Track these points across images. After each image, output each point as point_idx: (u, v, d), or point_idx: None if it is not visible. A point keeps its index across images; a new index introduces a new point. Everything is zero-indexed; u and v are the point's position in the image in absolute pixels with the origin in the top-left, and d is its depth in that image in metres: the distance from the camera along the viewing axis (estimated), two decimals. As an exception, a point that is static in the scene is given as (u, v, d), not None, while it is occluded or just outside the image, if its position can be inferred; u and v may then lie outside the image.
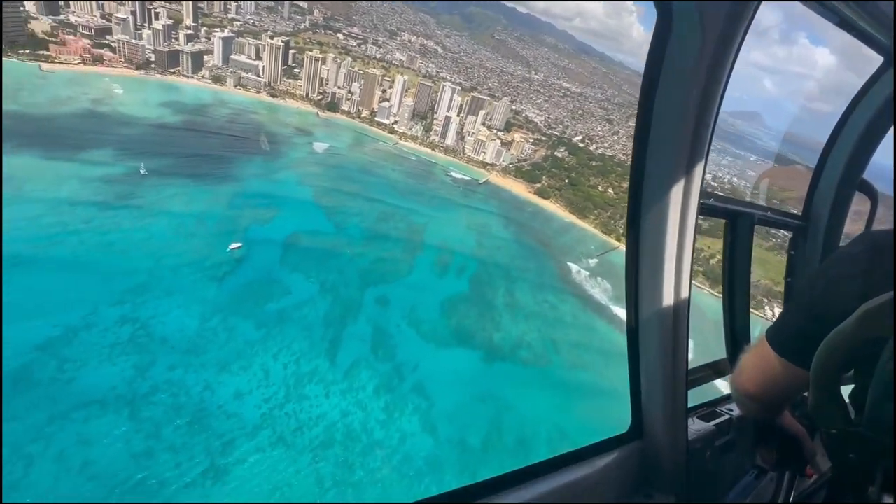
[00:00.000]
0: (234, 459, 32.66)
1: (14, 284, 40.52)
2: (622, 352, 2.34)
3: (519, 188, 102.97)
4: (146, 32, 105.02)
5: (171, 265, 47.91)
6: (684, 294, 2.02)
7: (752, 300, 3.33)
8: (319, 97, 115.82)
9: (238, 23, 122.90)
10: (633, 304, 2.15)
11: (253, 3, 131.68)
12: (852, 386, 1.31)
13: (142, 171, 60.76)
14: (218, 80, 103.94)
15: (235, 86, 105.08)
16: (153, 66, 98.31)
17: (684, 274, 1.98)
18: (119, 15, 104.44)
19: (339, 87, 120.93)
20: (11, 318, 37.18)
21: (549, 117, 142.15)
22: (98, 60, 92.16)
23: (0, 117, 42.89)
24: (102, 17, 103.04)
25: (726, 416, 2.80)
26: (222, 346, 41.11)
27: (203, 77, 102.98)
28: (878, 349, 1.09)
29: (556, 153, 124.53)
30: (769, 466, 2.39)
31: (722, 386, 2.85)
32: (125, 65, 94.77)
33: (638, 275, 2.07)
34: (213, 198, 62.26)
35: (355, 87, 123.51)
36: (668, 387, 2.20)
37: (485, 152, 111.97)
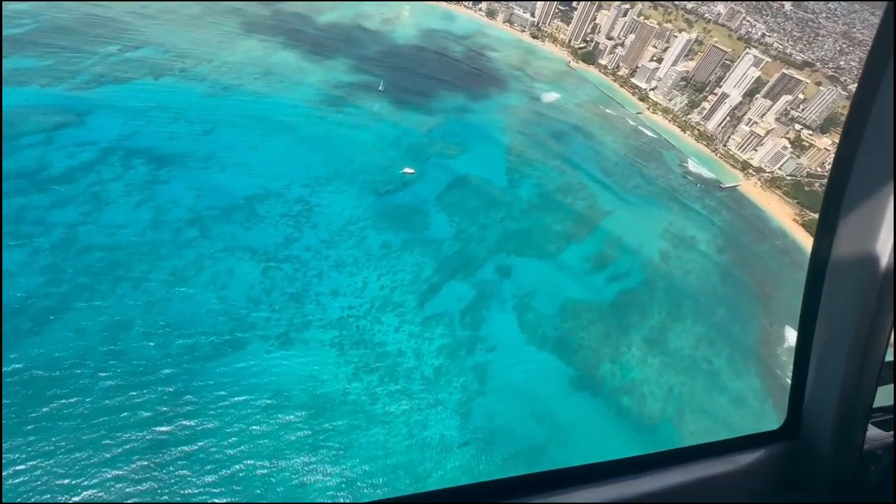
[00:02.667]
0: (300, 338, 39.14)
1: (264, 147, 55.67)
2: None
3: (780, 210, 75.89)
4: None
5: (355, 169, 56.49)
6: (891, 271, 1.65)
7: None
8: (582, 45, 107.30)
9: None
10: (818, 270, 1.80)
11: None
12: None
13: (380, 88, 71.01)
14: (491, 14, 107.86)
15: (504, 21, 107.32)
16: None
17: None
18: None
19: (608, 38, 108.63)
20: (249, 172, 51.82)
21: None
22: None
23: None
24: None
25: None
26: (349, 248, 47.58)
27: (480, 10, 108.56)
28: None
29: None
30: None
31: None
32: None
33: (836, 227, 1.71)
34: (422, 121, 68.43)
35: (630, 39, 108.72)
36: (849, 381, 1.87)
37: (755, 151, 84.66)
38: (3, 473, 27.96)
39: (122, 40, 65.81)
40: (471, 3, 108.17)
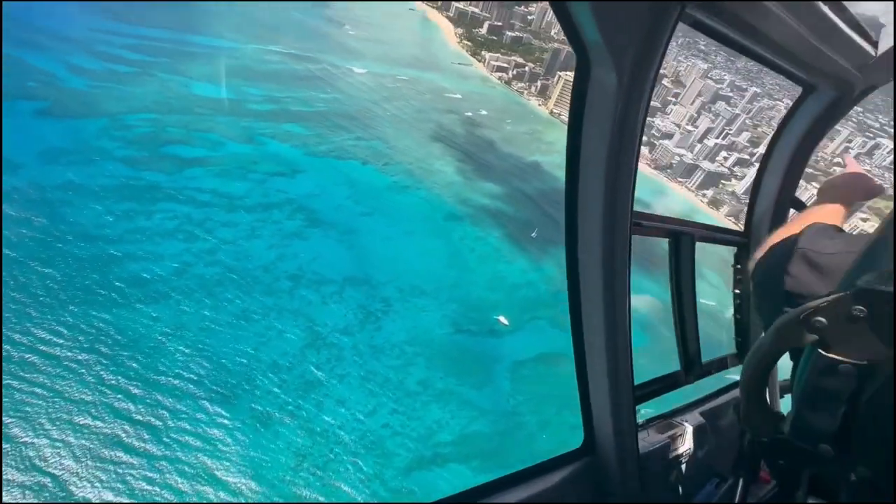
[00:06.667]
0: (276, 427, 37.67)
1: (397, 242, 60.61)
2: None
3: None
4: (698, 146, 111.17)
5: (453, 295, 55.15)
6: (623, 314, 2.02)
7: None
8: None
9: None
10: (576, 323, 2.16)
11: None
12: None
13: (532, 235, 70.02)
14: (715, 203, 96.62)
15: (728, 215, 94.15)
16: (669, 171, 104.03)
17: (620, 294, 1.97)
18: (690, 128, 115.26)
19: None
20: (366, 257, 56.70)
21: None
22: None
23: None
24: (676, 125, 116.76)
25: (681, 427, 2.92)
26: (388, 367, 45.15)
27: (703, 196, 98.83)
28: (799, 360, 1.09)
29: None
30: (726, 473, 2.46)
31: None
32: (647, 162, 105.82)
33: (579, 293, 2.07)
34: (553, 277, 62.96)
35: None
36: (615, 403, 2.23)
37: None
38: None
39: (368, 130, 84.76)
40: (694, 186, 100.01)
